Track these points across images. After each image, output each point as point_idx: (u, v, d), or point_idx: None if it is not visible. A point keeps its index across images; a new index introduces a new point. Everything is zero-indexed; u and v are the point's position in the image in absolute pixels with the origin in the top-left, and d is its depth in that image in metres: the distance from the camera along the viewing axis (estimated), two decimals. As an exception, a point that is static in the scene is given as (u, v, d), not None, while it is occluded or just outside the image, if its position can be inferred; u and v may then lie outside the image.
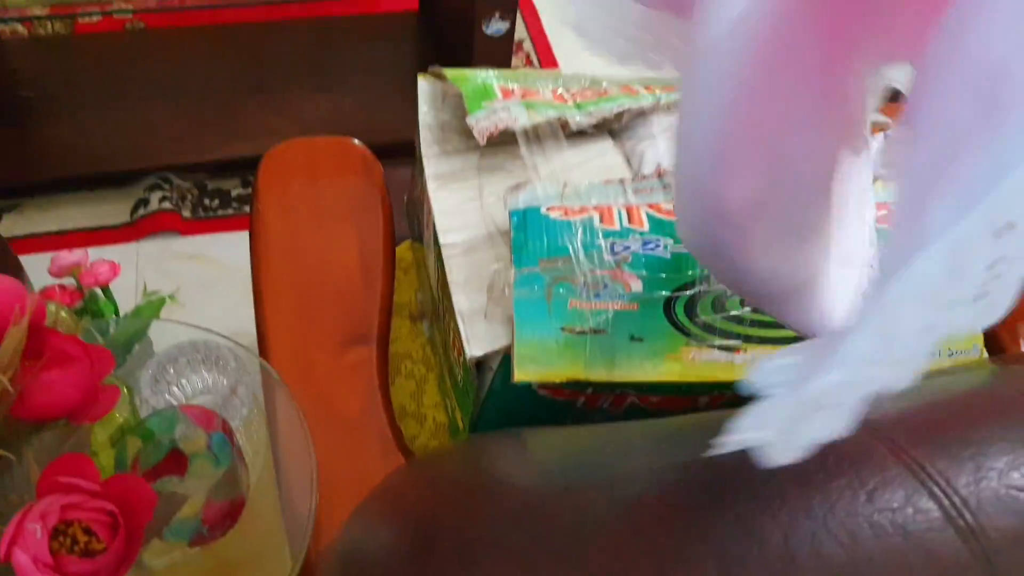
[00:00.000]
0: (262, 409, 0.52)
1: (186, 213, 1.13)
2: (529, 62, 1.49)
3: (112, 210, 1.14)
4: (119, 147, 1.13)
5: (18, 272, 0.90)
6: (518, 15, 1.58)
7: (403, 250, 0.74)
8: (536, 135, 0.56)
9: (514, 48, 1.50)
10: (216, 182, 1.17)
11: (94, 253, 1.12)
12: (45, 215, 1.14)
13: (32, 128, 1.16)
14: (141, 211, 1.12)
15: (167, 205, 1.12)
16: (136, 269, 1.10)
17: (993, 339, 0.58)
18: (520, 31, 1.55)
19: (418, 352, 0.65)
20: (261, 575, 0.50)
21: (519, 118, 0.55)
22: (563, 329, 0.47)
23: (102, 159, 1.12)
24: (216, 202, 1.15)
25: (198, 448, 0.43)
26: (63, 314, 0.43)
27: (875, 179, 0.55)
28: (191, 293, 1.13)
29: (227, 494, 0.42)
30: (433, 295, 0.59)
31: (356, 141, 0.68)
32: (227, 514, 0.42)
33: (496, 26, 0.96)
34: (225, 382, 0.47)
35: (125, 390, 0.46)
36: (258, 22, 1.38)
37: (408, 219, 0.70)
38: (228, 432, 0.43)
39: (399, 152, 0.67)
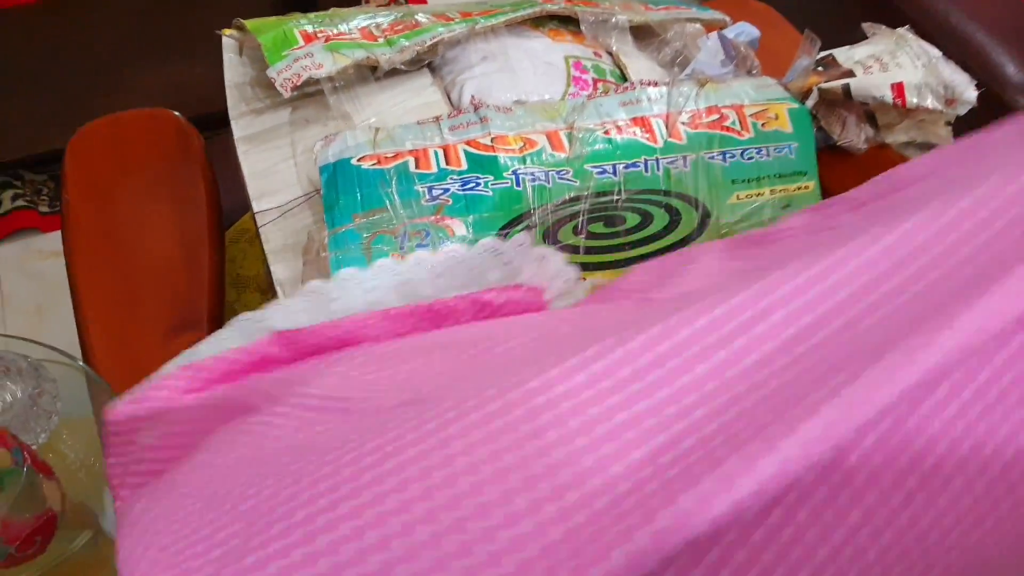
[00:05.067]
0: (87, 410, 0.49)
1: (44, 208, 1.06)
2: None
3: (-37, 216, 1.06)
4: (-42, 147, 1.04)
5: None
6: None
7: (247, 220, 0.69)
8: (344, 80, 0.52)
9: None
10: (74, 171, 1.09)
11: (-50, 263, 1.05)
12: None
13: None
14: (-5, 213, 1.04)
15: (21, 203, 1.04)
16: (-1, 275, 1.03)
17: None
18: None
19: (273, 326, 0.62)
20: None
21: (324, 64, 0.51)
22: (386, 285, 0.44)
23: (-58, 163, 1.03)
24: (77, 192, 1.08)
25: (5, 464, 0.40)
26: None
27: (704, 82, 0.53)
28: (60, 291, 1.07)
29: (31, 511, 0.39)
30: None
31: (176, 113, 0.63)
32: (37, 531, 0.39)
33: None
34: (26, 394, 0.43)
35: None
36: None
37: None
38: (23, 447, 0.39)
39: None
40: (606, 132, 0.49)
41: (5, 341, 0.52)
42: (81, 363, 0.50)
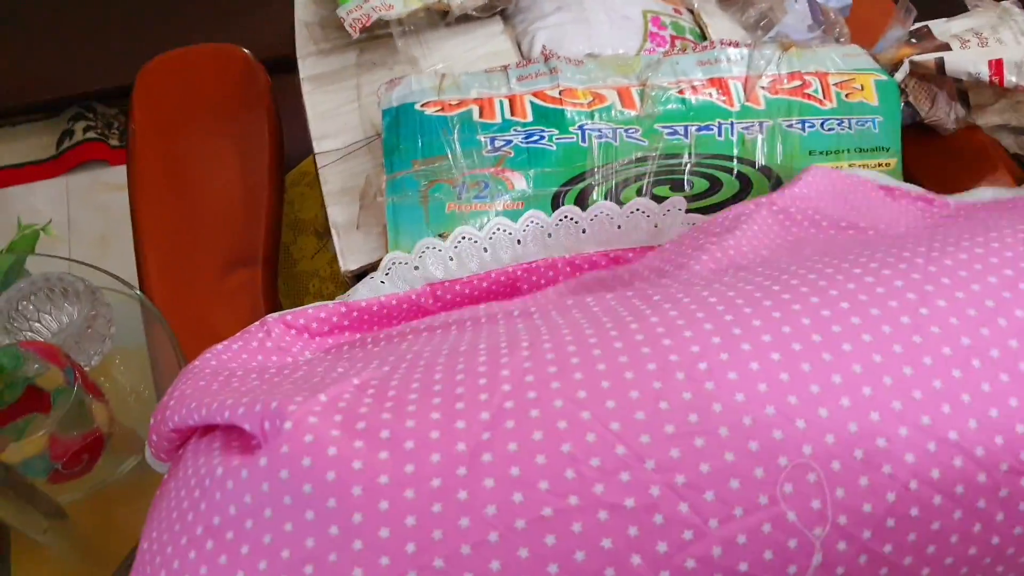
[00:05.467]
0: (142, 340, 0.50)
1: (114, 142, 1.08)
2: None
3: (37, 144, 1.09)
4: (36, 78, 1.07)
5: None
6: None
7: (308, 163, 0.69)
8: (414, 23, 0.51)
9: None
10: (143, 107, 1.11)
11: (23, 189, 1.08)
12: (-32, 154, 1.09)
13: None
14: (67, 143, 1.07)
15: (92, 135, 1.06)
16: (67, 203, 1.06)
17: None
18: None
19: (326, 270, 0.62)
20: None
21: (394, 5, 0.50)
22: (441, 235, 0.44)
23: (20, 91, 1.06)
24: (145, 128, 1.10)
25: (58, 383, 0.41)
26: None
27: (788, 47, 0.50)
28: (124, 224, 1.09)
29: (80, 429, 0.40)
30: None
31: (244, 49, 0.63)
32: (83, 449, 0.40)
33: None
34: (82, 316, 0.44)
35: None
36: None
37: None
38: (75, 367, 0.40)
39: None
40: (680, 91, 0.47)
41: (66, 264, 0.53)
42: (137, 292, 0.50)
